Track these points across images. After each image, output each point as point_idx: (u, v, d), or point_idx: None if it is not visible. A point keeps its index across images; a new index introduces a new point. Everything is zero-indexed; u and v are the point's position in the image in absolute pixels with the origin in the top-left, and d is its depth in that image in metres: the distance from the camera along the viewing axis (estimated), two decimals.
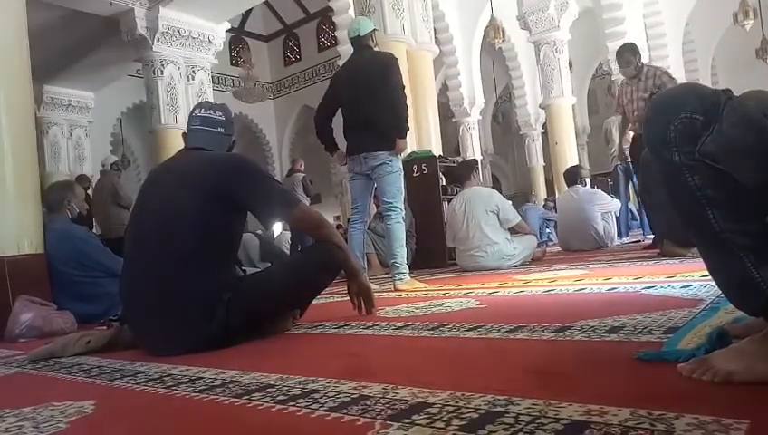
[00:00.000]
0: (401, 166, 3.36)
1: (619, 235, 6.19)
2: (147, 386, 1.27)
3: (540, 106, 10.30)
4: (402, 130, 3.28)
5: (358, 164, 3.34)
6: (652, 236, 4.70)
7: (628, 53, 4.32)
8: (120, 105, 11.84)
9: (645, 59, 9.88)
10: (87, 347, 1.90)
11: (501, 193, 4.72)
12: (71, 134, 9.94)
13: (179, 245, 1.71)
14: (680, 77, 11.22)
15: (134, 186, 9.86)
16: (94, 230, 5.91)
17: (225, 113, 2.02)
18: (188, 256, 1.71)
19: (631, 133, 4.57)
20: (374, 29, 3.46)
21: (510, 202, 4.55)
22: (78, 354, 1.87)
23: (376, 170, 3.28)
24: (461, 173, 4.73)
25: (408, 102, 3.38)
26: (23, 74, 3.28)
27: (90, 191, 7.00)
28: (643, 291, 2.01)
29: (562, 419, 0.74)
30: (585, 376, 0.98)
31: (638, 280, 2.38)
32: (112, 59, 8.71)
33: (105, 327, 2.28)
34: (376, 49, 3.50)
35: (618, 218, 6.12)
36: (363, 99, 3.25)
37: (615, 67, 9.48)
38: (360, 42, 3.39)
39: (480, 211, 4.23)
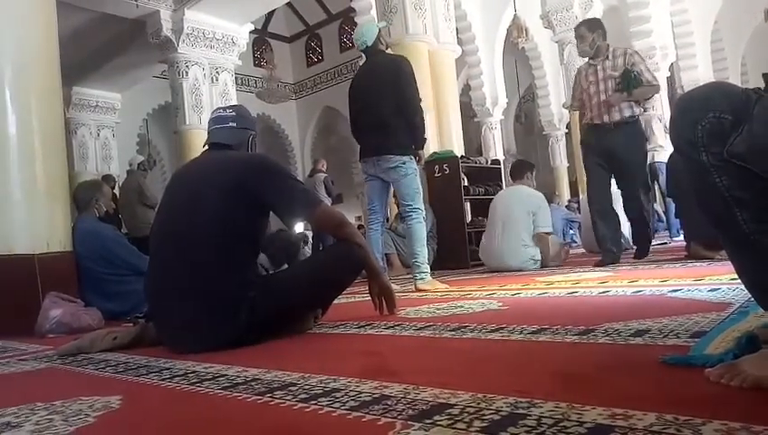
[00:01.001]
0: (416, 166, 3.34)
1: None
2: (172, 382, 1.29)
3: (563, 106, 10.17)
4: (420, 142, 3.30)
5: (371, 166, 3.35)
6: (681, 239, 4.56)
7: (583, 27, 3.88)
8: (145, 106, 12.04)
9: (671, 58, 9.75)
10: (113, 343, 1.94)
11: None
12: (98, 135, 10.14)
13: (203, 244, 1.73)
14: (709, 77, 10.99)
15: (159, 186, 10.05)
16: (123, 229, 6.02)
17: (236, 110, 2.07)
18: (212, 254, 1.73)
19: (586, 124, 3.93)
20: (379, 30, 3.43)
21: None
22: (105, 350, 1.91)
23: (390, 174, 3.29)
24: (514, 170, 4.68)
25: (430, 103, 3.39)
26: (53, 77, 3.36)
27: (115, 191, 7.13)
28: (669, 294, 1.97)
29: (586, 422, 0.73)
30: (609, 379, 0.97)
31: (665, 283, 2.33)
32: (138, 61, 8.86)
33: (131, 324, 2.32)
34: (388, 51, 3.49)
35: None
36: (375, 102, 3.25)
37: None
38: (369, 50, 3.39)
39: (522, 211, 4.17)
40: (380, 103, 3.23)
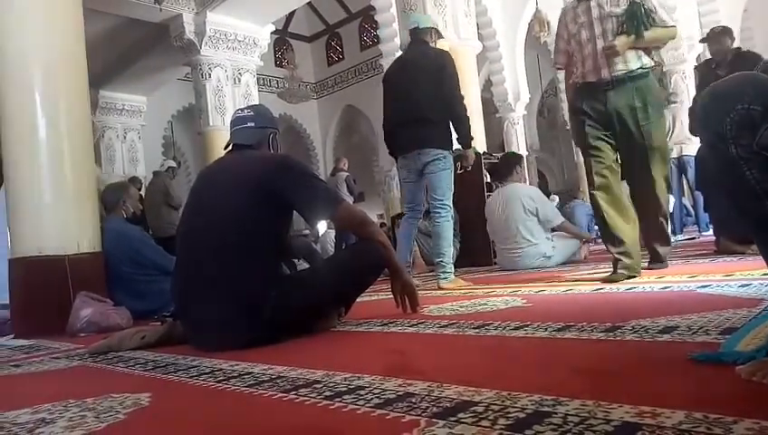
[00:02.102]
0: (452, 163, 3.31)
1: (673, 232, 5.97)
2: (199, 380, 1.31)
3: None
4: (467, 138, 3.25)
5: (412, 162, 3.28)
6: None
7: None
8: (170, 108, 12.24)
9: (699, 49, 9.51)
10: (142, 342, 1.98)
11: (548, 189, 4.63)
12: (125, 137, 10.34)
13: (227, 243, 1.76)
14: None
15: (185, 187, 10.18)
16: (149, 230, 6.13)
17: (254, 109, 2.10)
18: (236, 254, 1.75)
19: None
20: (434, 27, 3.43)
21: (557, 200, 4.44)
22: (134, 349, 1.95)
23: (428, 166, 3.23)
24: (501, 169, 4.66)
25: None
26: (80, 82, 3.43)
27: (141, 192, 7.26)
28: (698, 290, 1.93)
29: (613, 420, 0.72)
30: (636, 377, 0.96)
31: (693, 278, 2.29)
32: (163, 64, 9.01)
33: (159, 323, 2.36)
34: (432, 45, 3.46)
35: (671, 215, 5.90)
36: (415, 93, 3.19)
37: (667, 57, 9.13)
38: (417, 35, 3.37)
39: (518, 210, 4.17)
40: (422, 97, 3.16)
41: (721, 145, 0.84)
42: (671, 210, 5.82)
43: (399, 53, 3.89)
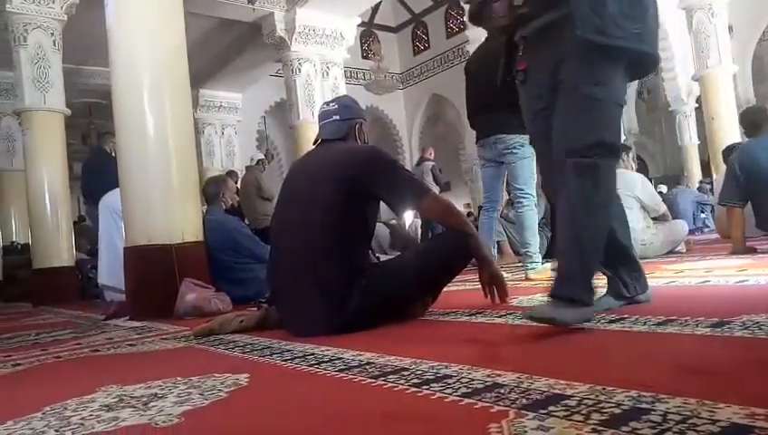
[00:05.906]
0: (533, 151, 3.20)
1: None
2: (292, 363, 1.37)
3: (693, 78, 9.28)
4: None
5: (488, 149, 3.24)
6: None
7: None
8: (263, 103, 12.74)
9: None
10: (240, 326, 2.09)
11: (648, 176, 4.37)
12: (222, 133, 10.93)
13: (319, 233, 1.82)
14: None
15: (277, 178, 10.61)
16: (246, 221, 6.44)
17: (338, 102, 2.13)
18: (327, 243, 1.81)
19: None
20: None
21: (665, 189, 4.14)
22: (233, 332, 2.07)
23: (506, 156, 3.17)
24: None
25: None
26: (183, 83, 3.66)
27: (237, 185, 7.63)
28: None
29: (719, 420, 0.67)
30: (746, 376, 0.89)
31: None
32: (256, 61, 9.41)
33: (256, 308, 2.49)
34: None
35: None
36: (494, 77, 3.12)
37: None
38: None
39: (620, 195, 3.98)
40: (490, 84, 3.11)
41: None
42: None
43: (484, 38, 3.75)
